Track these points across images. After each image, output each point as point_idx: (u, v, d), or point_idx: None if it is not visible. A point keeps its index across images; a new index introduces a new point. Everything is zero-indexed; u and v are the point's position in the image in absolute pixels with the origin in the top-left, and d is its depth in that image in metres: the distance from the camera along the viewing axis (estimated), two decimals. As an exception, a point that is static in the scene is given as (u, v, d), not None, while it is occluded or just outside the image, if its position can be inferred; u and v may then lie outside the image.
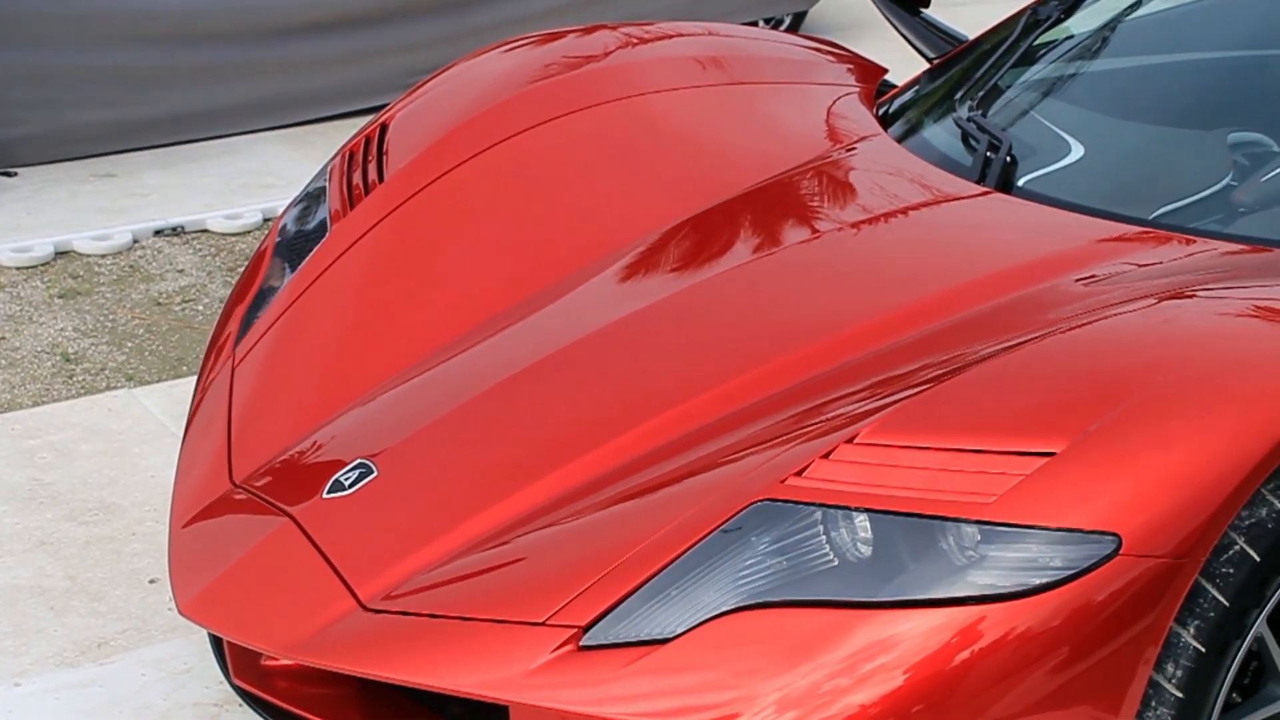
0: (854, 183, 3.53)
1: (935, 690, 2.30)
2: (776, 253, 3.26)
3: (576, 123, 3.83)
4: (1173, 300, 2.74)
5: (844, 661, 2.31)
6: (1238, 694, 2.55)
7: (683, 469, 2.67)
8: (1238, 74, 3.90)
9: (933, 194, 3.39)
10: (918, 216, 3.33)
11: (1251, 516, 2.39)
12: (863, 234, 3.28)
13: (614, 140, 3.81)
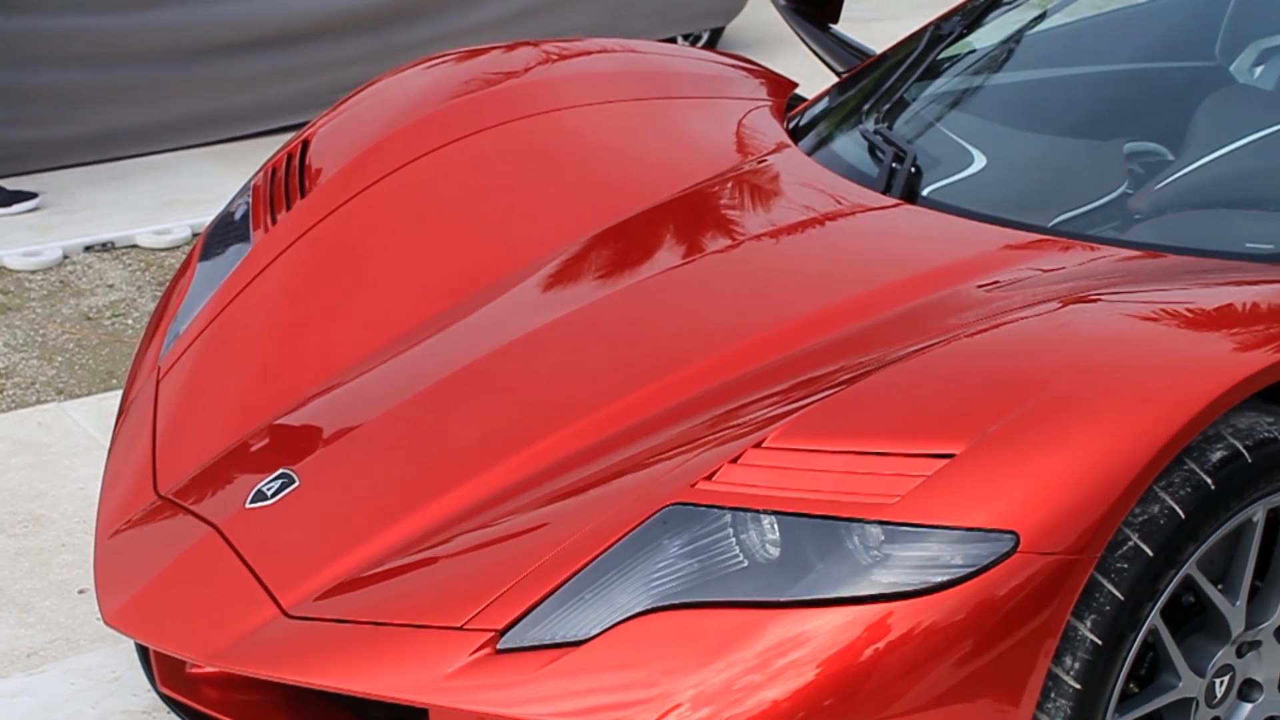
0: (764, 194, 3.54)
1: (845, 685, 2.30)
2: (689, 263, 3.26)
3: (496, 137, 3.82)
4: (1070, 305, 2.75)
5: (756, 658, 2.31)
6: (1135, 684, 2.57)
7: (596, 475, 2.67)
8: (1133, 86, 3.95)
9: (840, 204, 3.40)
10: (825, 226, 3.34)
11: (1144, 513, 2.41)
12: (772, 244, 3.29)
13: (532, 154, 3.80)
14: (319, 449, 2.94)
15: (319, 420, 3.03)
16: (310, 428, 3.02)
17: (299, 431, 3.03)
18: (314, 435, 2.99)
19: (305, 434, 3.01)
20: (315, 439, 2.97)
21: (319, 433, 2.99)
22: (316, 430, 3.01)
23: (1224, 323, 2.65)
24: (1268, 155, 3.49)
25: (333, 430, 2.98)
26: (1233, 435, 2.49)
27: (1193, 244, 3.17)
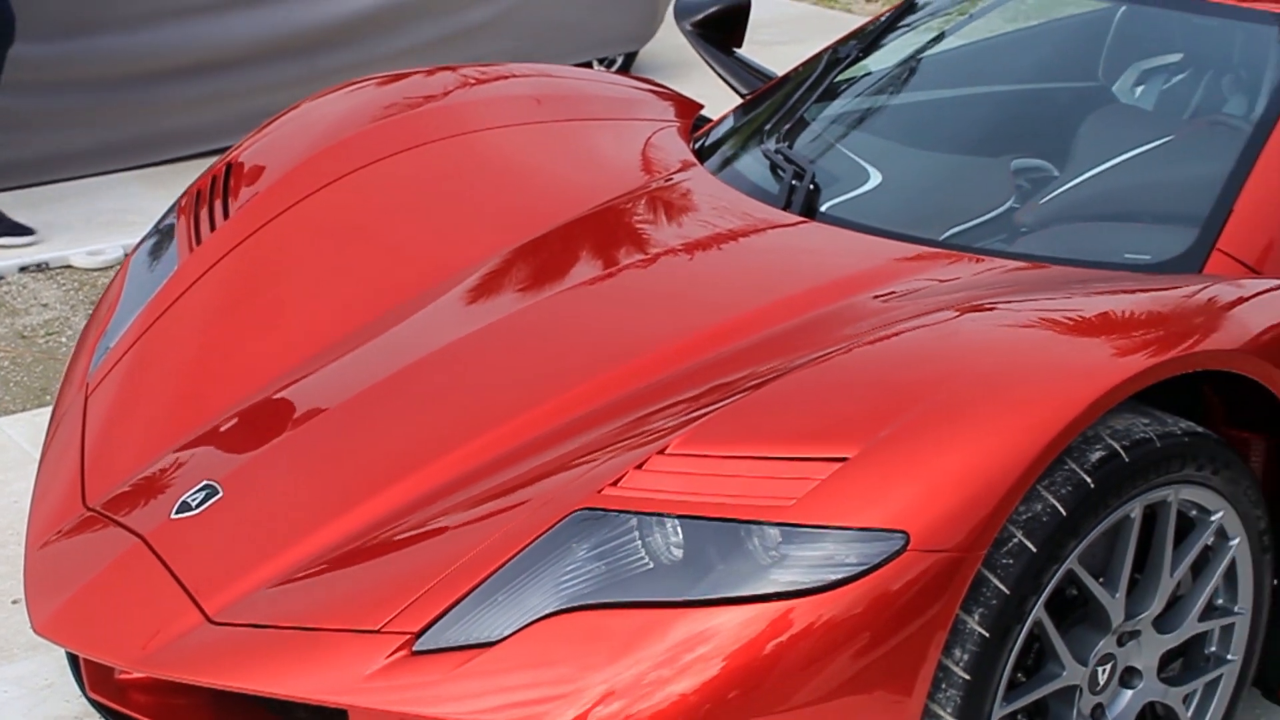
0: (671, 211, 3.55)
1: (749, 678, 2.31)
2: (599, 277, 3.27)
3: (416, 158, 3.83)
4: (959, 314, 2.77)
5: (664, 654, 2.32)
6: (1022, 674, 2.60)
7: (509, 482, 2.68)
8: (1021, 105, 3.99)
9: (743, 221, 3.42)
10: (729, 241, 3.36)
11: (1028, 511, 2.44)
12: (678, 258, 3.30)
13: (451, 174, 3.81)
14: (243, 460, 2.93)
15: (243, 432, 3.02)
16: (234, 439, 3.00)
17: (223, 443, 3.01)
18: (238, 447, 2.98)
19: (229, 446, 3.00)
20: (239, 450, 2.96)
21: (243, 444, 2.98)
22: (241, 442, 2.99)
23: (1103, 330, 2.68)
24: (1145, 171, 3.54)
25: (256, 441, 2.97)
26: (1111, 436, 2.52)
27: (1075, 255, 3.21)
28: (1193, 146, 3.59)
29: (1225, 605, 2.82)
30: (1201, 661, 2.85)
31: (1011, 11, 4.25)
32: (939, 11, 4.20)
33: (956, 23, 4.16)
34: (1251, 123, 3.39)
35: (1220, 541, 2.75)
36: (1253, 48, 3.72)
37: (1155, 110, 3.94)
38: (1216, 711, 2.88)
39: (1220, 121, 3.65)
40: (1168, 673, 2.82)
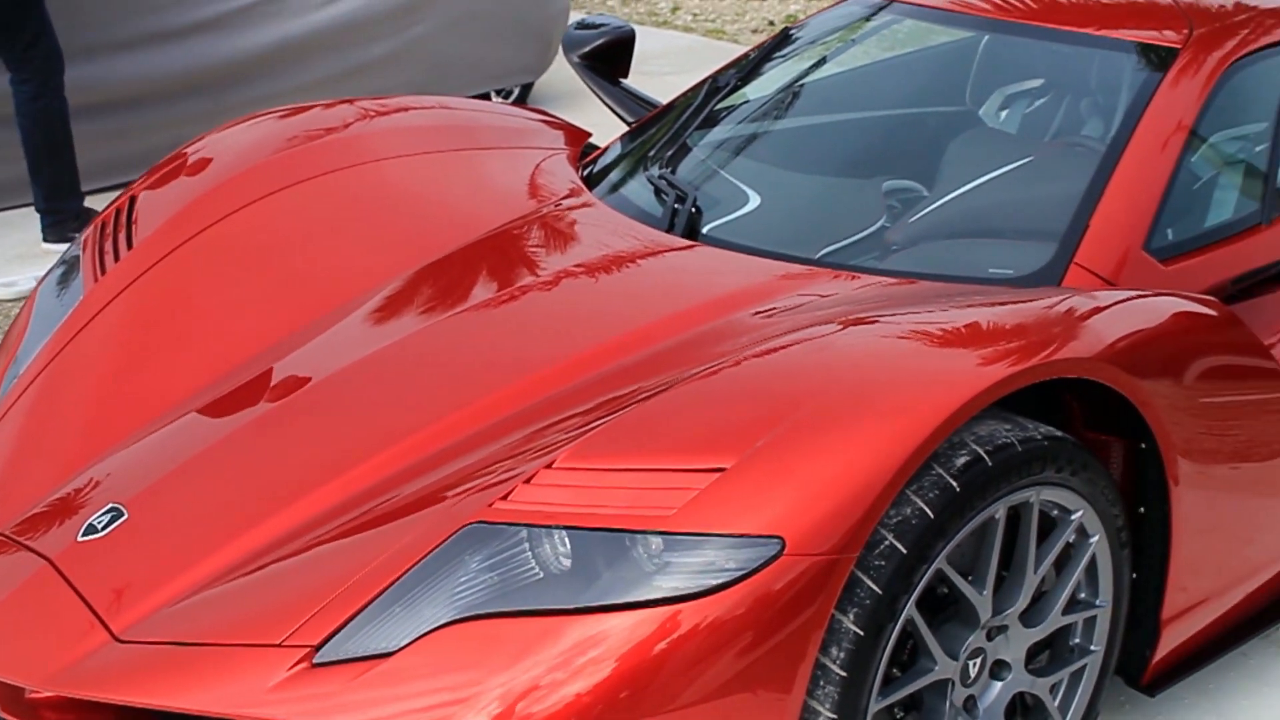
0: (559, 235, 3.55)
1: (638, 679, 2.31)
2: (491, 299, 3.26)
3: (317, 187, 3.81)
4: (832, 329, 2.78)
5: (558, 658, 2.32)
6: (897, 669, 2.61)
7: (405, 498, 2.67)
8: (892, 129, 4.03)
9: (628, 243, 3.43)
10: (615, 263, 3.36)
11: (898, 515, 2.45)
12: (567, 280, 3.30)
13: (350, 202, 3.80)
14: (149, 482, 2.89)
15: (147, 455, 2.98)
16: (140, 462, 2.97)
17: (129, 466, 2.97)
18: (143, 470, 2.94)
19: (135, 468, 2.96)
20: (144, 473, 2.92)
21: (149, 466, 2.94)
22: (146, 464, 2.95)
23: (967, 341, 2.70)
24: (1008, 190, 3.59)
25: (161, 464, 2.94)
26: (975, 442, 2.54)
27: (944, 271, 3.25)
28: (1052, 167, 3.65)
29: (1087, 599, 2.85)
30: (1067, 653, 2.88)
31: (883, 41, 4.28)
32: (813, 41, 4.23)
33: (830, 51, 4.19)
34: (1105, 144, 3.44)
35: (1081, 539, 2.78)
36: (1107, 73, 3.78)
37: (1018, 133, 4.00)
38: (1082, 699, 2.91)
39: (1077, 143, 3.71)
40: (1035, 664, 2.84)
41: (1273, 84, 3.71)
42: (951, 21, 4.03)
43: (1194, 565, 2.98)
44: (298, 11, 6.61)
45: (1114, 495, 2.78)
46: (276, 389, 3.08)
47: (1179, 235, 3.39)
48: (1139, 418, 2.78)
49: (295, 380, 3.09)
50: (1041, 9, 3.88)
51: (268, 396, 3.07)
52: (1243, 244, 3.44)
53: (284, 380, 3.11)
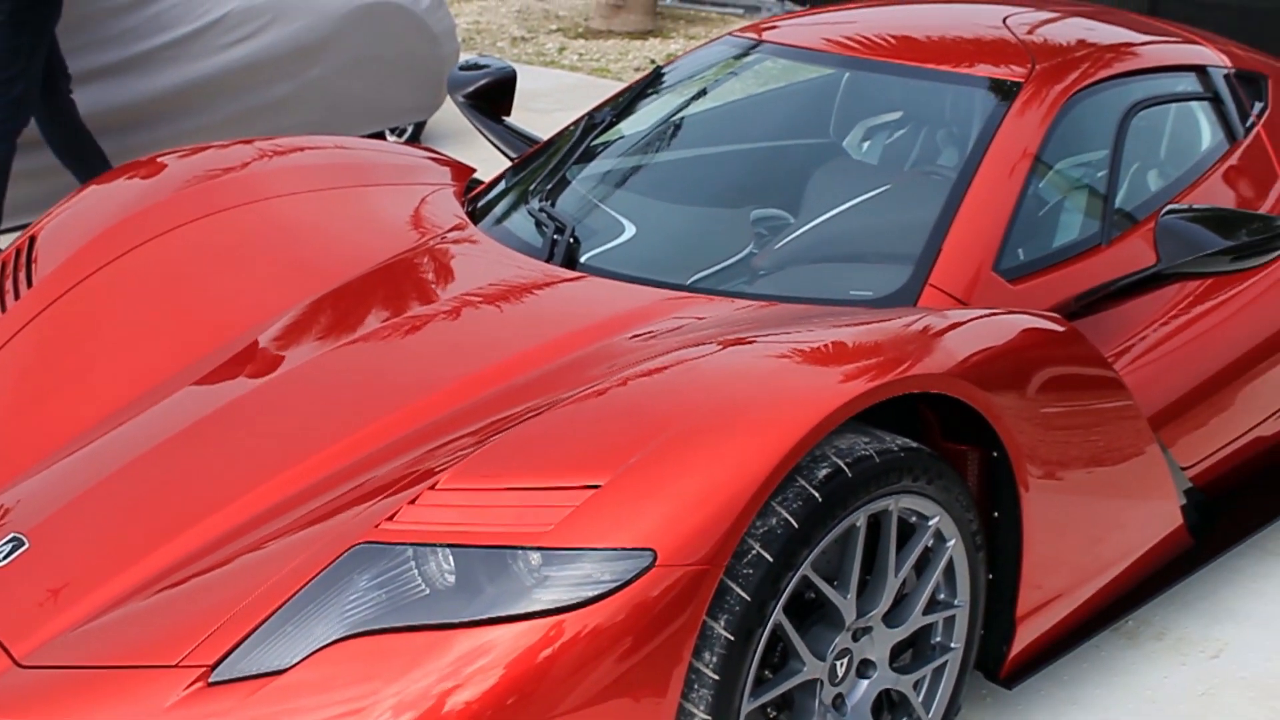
0: (444, 267, 3.53)
1: (524, 686, 2.30)
2: (379, 329, 3.23)
3: (214, 224, 3.78)
4: (701, 350, 2.79)
5: (448, 668, 2.30)
6: (769, 671, 2.62)
7: (296, 521, 2.64)
8: (759, 161, 4.06)
9: (510, 273, 3.42)
10: (497, 292, 3.35)
11: (764, 525, 2.46)
12: (451, 310, 3.28)
13: (247, 238, 3.76)
14: (49, 511, 2.84)
15: (49, 485, 2.93)
16: (41, 493, 2.91)
17: (31, 497, 2.92)
18: (44, 499, 2.89)
19: (36, 499, 2.90)
20: (45, 503, 2.87)
21: (49, 497, 2.89)
22: (47, 494, 2.90)
23: (827, 359, 2.72)
24: (867, 217, 3.62)
25: (62, 493, 2.88)
26: (836, 454, 2.56)
27: (808, 293, 3.27)
28: (908, 194, 3.68)
29: (946, 599, 2.88)
30: (929, 650, 2.90)
31: (752, 78, 4.31)
32: (686, 78, 4.25)
33: (702, 88, 4.21)
34: (956, 172, 3.48)
35: (938, 543, 2.81)
36: (959, 106, 3.83)
37: (879, 163, 4.04)
38: (944, 694, 2.93)
39: (932, 171, 3.75)
40: (899, 662, 2.87)
41: (1111, 113, 3.78)
42: (815, 60, 4.07)
43: (1046, 564, 3.02)
44: (199, 55, 6.54)
45: (968, 501, 2.81)
46: (173, 419, 3.04)
47: (1026, 256, 3.43)
48: (991, 428, 2.81)
49: (193, 410, 3.05)
50: (899, 47, 3.93)
51: (165, 426, 3.02)
52: (1085, 263, 3.49)
53: (181, 410, 3.06)
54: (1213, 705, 3.28)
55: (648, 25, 11.27)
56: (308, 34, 6.72)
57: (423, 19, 7.20)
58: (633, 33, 11.14)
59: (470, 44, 10.63)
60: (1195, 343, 3.62)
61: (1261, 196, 4.05)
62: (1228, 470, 3.74)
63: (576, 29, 11.37)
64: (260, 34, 6.60)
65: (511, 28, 11.41)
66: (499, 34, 11.14)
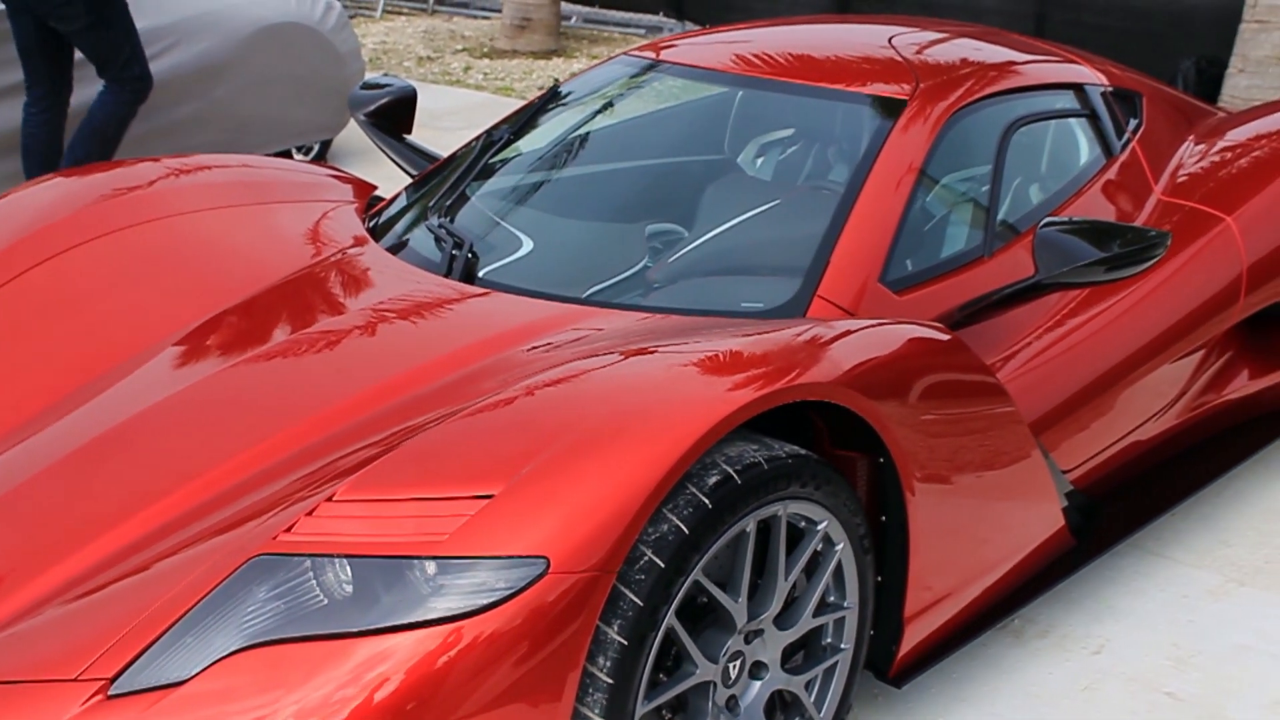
0: (344, 282, 3.51)
1: (422, 692, 2.29)
2: (279, 345, 3.21)
3: (118, 240, 3.75)
4: (594, 363, 2.79)
5: (348, 676, 2.28)
6: (664, 674, 2.63)
7: (196, 534, 2.62)
8: (655, 177, 4.07)
9: (408, 288, 3.41)
10: (396, 307, 3.33)
11: (656, 532, 2.47)
12: (350, 324, 3.26)
13: (150, 255, 3.72)
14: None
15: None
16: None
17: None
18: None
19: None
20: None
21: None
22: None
23: (718, 369, 2.72)
24: (759, 231, 3.64)
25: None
26: (725, 462, 2.57)
27: (700, 306, 3.29)
28: (798, 208, 3.71)
29: (836, 601, 2.90)
30: (820, 651, 2.92)
31: (648, 96, 4.33)
32: (584, 96, 4.26)
33: (599, 105, 4.23)
34: (844, 187, 3.52)
35: (827, 547, 2.83)
36: (847, 123, 3.87)
37: (772, 178, 4.07)
38: (835, 694, 2.95)
39: (821, 186, 3.78)
40: (791, 664, 2.88)
41: (993, 129, 3.84)
42: (710, 79, 4.09)
43: (933, 566, 3.05)
44: (104, 76, 6.47)
45: (856, 506, 2.84)
46: (75, 435, 3.00)
47: (912, 268, 3.47)
48: (878, 435, 2.84)
49: (91, 426, 3.02)
50: (790, 66, 3.96)
51: (67, 442, 2.98)
52: (968, 275, 3.53)
53: (79, 426, 3.03)
54: (1094, 699, 3.34)
55: (551, 45, 11.28)
56: (213, 55, 6.66)
57: (328, 39, 7.16)
58: (537, 52, 11.14)
59: (377, 64, 10.58)
60: (1075, 350, 3.67)
61: (1137, 209, 4.13)
62: (1107, 473, 3.81)
63: (482, 49, 11.35)
64: (165, 55, 6.53)
65: (418, 48, 11.37)
66: (405, 54, 11.09)
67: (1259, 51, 8.12)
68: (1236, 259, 4.05)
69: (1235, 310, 4.05)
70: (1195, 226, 4.07)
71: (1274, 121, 4.67)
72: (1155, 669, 3.46)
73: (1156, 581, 3.84)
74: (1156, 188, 4.22)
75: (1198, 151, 4.45)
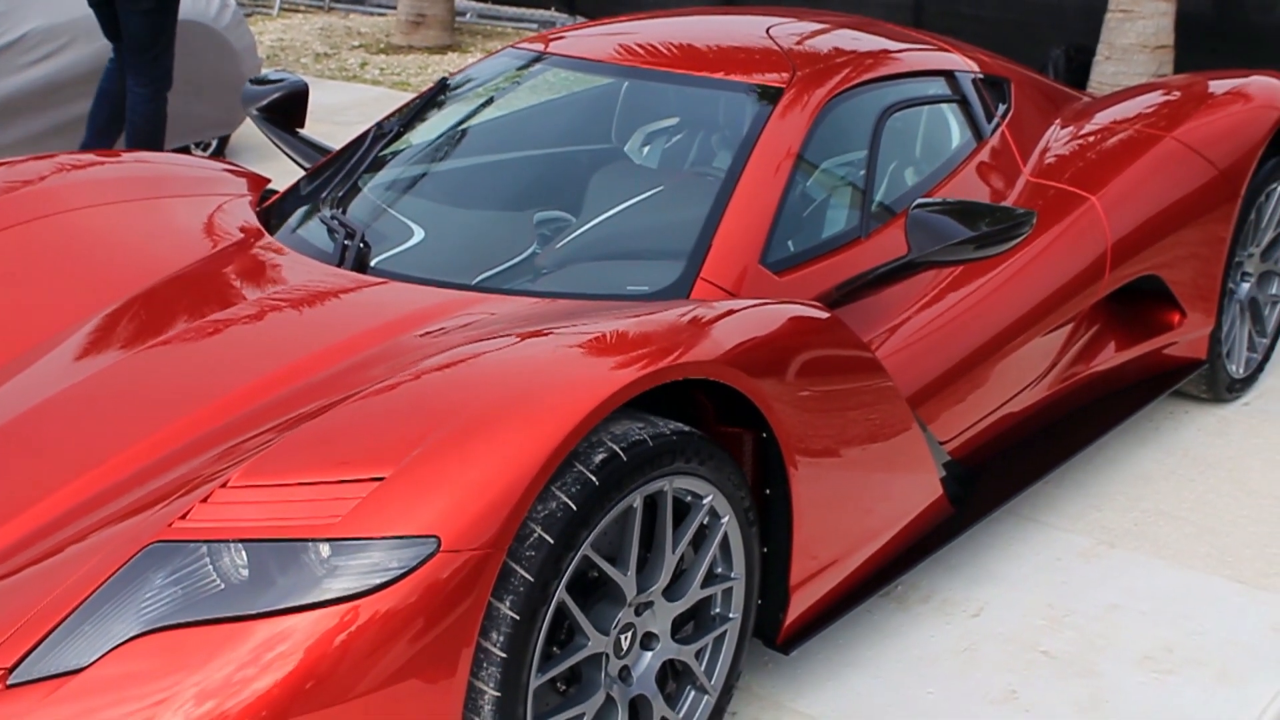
0: (237, 274, 3.47)
1: (320, 670, 2.28)
2: (172, 336, 3.16)
3: (10, 236, 3.67)
4: (481, 347, 2.78)
5: (247, 656, 2.27)
6: (557, 647, 2.63)
7: (91, 524, 2.58)
8: (543, 166, 4.07)
9: (300, 278, 3.38)
10: (287, 297, 3.30)
11: (544, 509, 2.47)
12: (244, 314, 3.23)
13: (46, 250, 3.66)
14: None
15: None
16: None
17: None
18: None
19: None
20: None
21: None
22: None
23: (602, 350, 2.72)
24: (644, 217, 3.65)
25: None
26: (611, 440, 2.58)
27: (588, 290, 3.29)
28: (682, 194, 3.72)
29: (723, 573, 2.92)
30: (709, 621, 2.94)
31: (537, 87, 4.32)
32: (473, 88, 4.24)
33: (488, 97, 4.21)
34: (724, 172, 3.54)
35: (713, 520, 2.84)
36: (728, 111, 3.89)
37: (659, 166, 4.08)
38: (725, 661, 2.97)
39: (703, 172, 3.80)
40: (681, 634, 2.90)
41: (868, 115, 3.87)
42: (596, 70, 4.09)
43: (817, 536, 3.08)
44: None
45: (740, 480, 2.85)
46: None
47: (791, 249, 3.49)
48: (759, 411, 2.86)
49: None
50: (673, 57, 3.97)
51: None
52: (845, 255, 3.57)
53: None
54: (974, 659, 3.39)
55: (446, 40, 11.21)
56: (108, 52, 6.55)
57: (224, 36, 7.07)
58: (432, 48, 11.07)
59: (275, 60, 10.46)
60: (949, 326, 3.72)
61: (1007, 190, 4.19)
62: (983, 443, 3.86)
63: (378, 45, 11.26)
64: (60, 53, 6.43)
65: (315, 44, 11.25)
66: (303, 50, 10.97)
67: (1124, 40, 8.26)
68: (1101, 236, 4.12)
69: (1101, 285, 4.13)
70: (1062, 206, 4.14)
71: (1135, 105, 4.76)
72: (1031, 629, 3.52)
73: (1031, 546, 3.90)
74: (1025, 169, 4.28)
75: (1064, 135, 4.52)
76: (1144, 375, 4.43)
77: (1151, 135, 4.47)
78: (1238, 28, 8.95)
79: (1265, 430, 4.65)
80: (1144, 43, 8.20)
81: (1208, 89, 4.80)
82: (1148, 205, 4.27)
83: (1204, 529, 4.01)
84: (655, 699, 2.82)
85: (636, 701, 2.80)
